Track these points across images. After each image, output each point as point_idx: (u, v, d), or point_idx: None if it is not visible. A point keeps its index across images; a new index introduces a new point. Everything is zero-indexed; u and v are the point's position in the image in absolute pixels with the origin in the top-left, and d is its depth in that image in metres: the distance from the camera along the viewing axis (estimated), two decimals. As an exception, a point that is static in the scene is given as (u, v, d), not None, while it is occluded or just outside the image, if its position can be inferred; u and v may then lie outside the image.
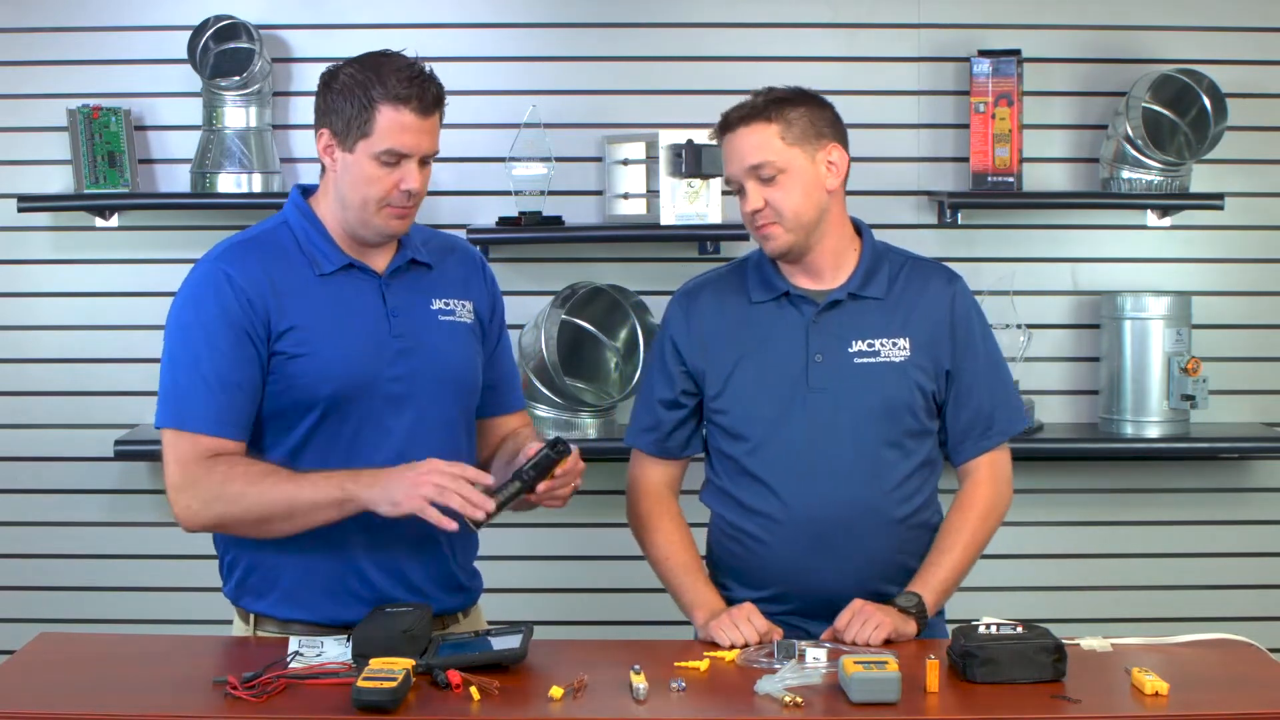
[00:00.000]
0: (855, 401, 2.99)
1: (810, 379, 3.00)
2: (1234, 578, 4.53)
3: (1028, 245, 4.50)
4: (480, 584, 3.06)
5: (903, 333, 3.03)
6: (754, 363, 3.04)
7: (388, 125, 2.78)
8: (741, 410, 3.04)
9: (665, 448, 3.14)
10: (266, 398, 2.83)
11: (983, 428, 3.07)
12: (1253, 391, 4.53)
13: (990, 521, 3.07)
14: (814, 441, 2.99)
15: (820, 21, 4.44)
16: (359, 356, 2.83)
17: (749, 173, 2.97)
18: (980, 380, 3.07)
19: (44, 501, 4.47)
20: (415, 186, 2.81)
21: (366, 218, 2.83)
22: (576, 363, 4.34)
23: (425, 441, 2.85)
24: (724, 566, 3.11)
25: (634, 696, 2.54)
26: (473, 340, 2.98)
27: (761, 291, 3.07)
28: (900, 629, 2.88)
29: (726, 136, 3.01)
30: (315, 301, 2.84)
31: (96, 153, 4.31)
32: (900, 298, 3.05)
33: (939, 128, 4.47)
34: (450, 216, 4.32)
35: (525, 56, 4.44)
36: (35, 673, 2.71)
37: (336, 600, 2.85)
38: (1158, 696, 2.53)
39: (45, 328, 4.45)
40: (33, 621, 4.10)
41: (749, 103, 3.01)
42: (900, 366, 3.01)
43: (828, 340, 3.01)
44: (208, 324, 2.80)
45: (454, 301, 2.96)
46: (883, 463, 3.00)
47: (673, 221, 4.24)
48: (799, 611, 3.00)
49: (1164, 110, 4.33)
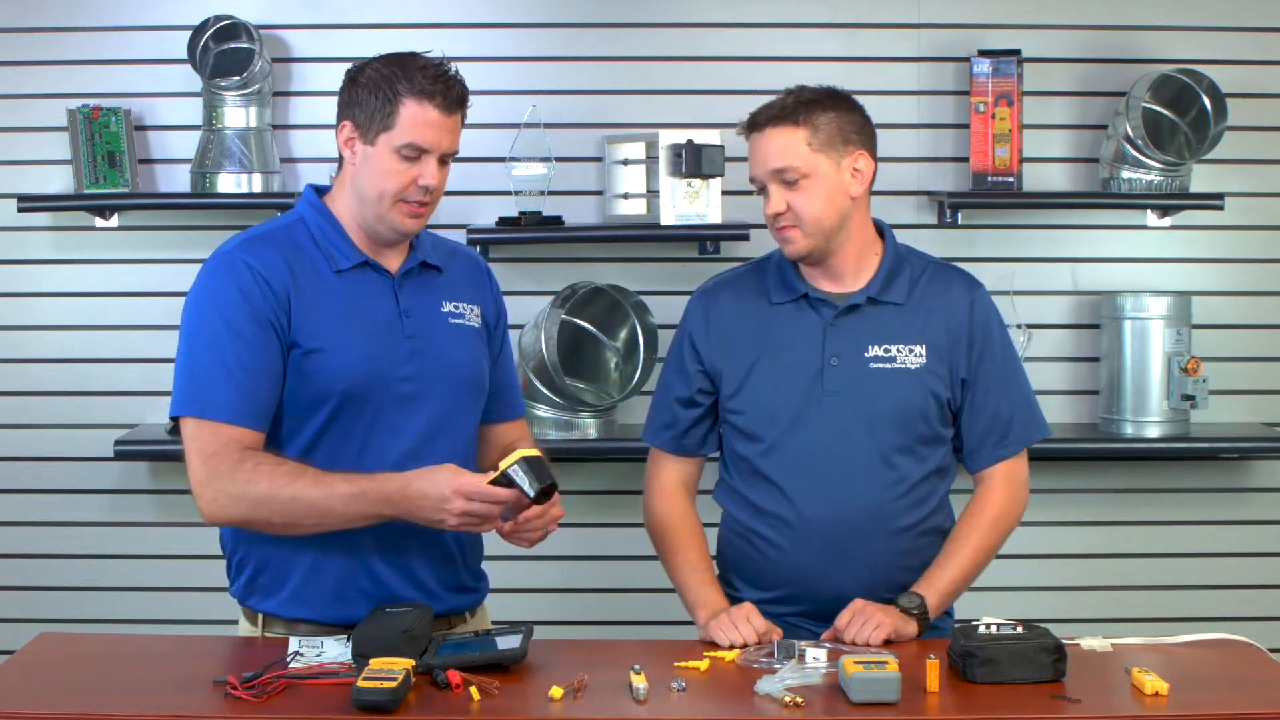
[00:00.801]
0: (869, 406, 2.99)
1: (826, 382, 3.00)
2: (1234, 578, 4.53)
3: (1028, 245, 4.50)
4: (486, 585, 3.06)
5: (920, 339, 3.02)
6: (770, 364, 3.04)
7: (410, 119, 2.79)
8: (756, 411, 3.04)
9: (682, 445, 3.14)
10: (283, 390, 2.82)
11: (999, 436, 3.06)
12: (1253, 391, 4.53)
13: (1001, 528, 3.07)
14: (827, 445, 2.99)
15: (820, 21, 4.44)
16: (373, 354, 2.84)
17: (773, 175, 2.97)
18: (998, 388, 3.06)
19: (44, 501, 4.47)
20: (433, 183, 2.82)
21: (382, 212, 2.83)
22: (576, 363, 4.34)
23: (435, 442, 2.86)
24: (733, 566, 3.12)
25: (634, 696, 2.54)
26: (480, 344, 2.99)
27: (781, 293, 3.07)
28: (901, 630, 2.88)
29: (753, 136, 3.00)
30: (332, 297, 2.84)
31: (96, 153, 4.31)
32: (920, 303, 3.04)
33: (939, 128, 4.47)
34: (450, 216, 4.31)
35: (525, 56, 4.44)
36: (35, 673, 2.70)
37: (345, 599, 2.85)
38: (1158, 696, 2.53)
39: (45, 328, 4.45)
40: (33, 621, 4.10)
41: (779, 102, 2.99)
42: (916, 373, 3.01)
43: (845, 344, 3.01)
44: (228, 311, 2.78)
45: (463, 305, 2.97)
46: (895, 468, 3.00)
47: (673, 221, 4.24)
48: (807, 614, 3.01)
49: (1164, 110, 4.33)
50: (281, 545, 2.85)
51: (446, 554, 2.92)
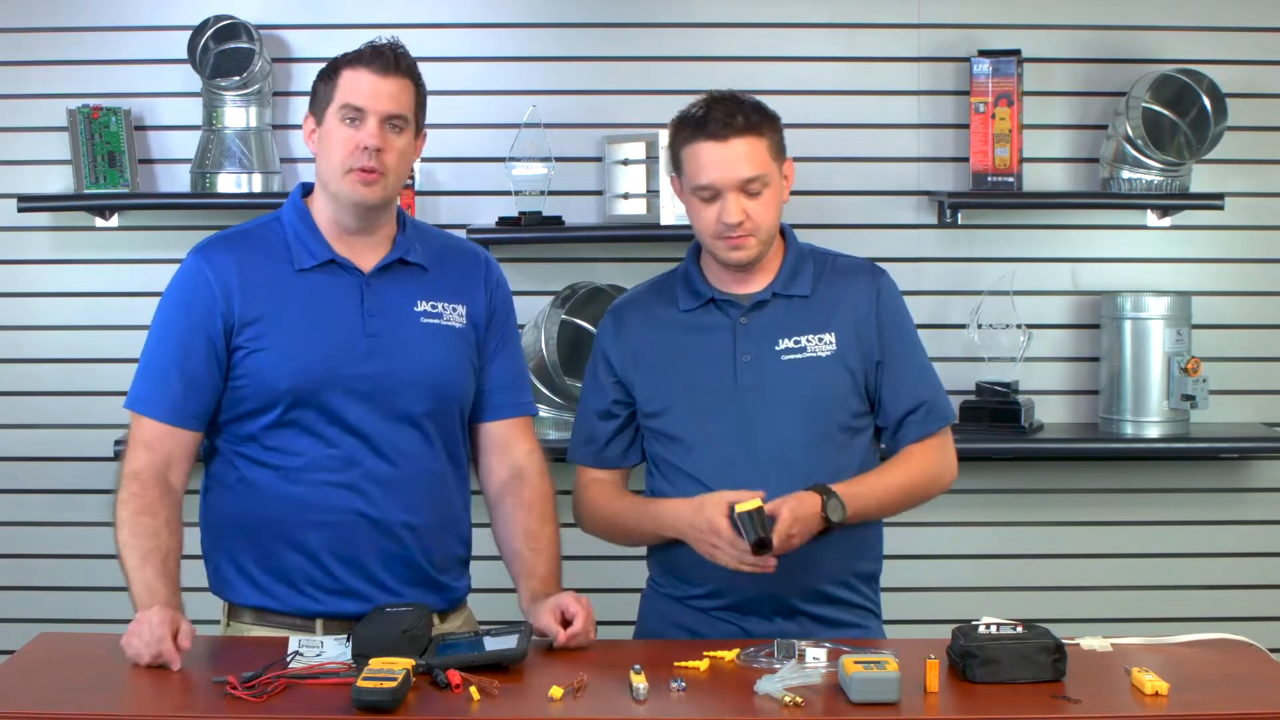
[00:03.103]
0: (785, 398, 3.01)
1: (739, 378, 3.02)
2: (1234, 578, 4.53)
3: (1028, 245, 4.50)
4: (465, 589, 3.06)
5: (827, 328, 3.05)
6: (684, 368, 3.06)
7: (347, 85, 2.89)
8: (674, 414, 3.06)
9: (603, 458, 3.16)
10: (229, 390, 2.89)
11: (924, 413, 3.08)
12: (1253, 391, 4.53)
13: (929, 474, 3.08)
14: (746, 439, 3.01)
15: (820, 21, 4.44)
16: (321, 353, 2.87)
17: (740, 184, 2.97)
18: (914, 368, 3.09)
19: (44, 501, 4.47)
20: (374, 142, 2.85)
21: (338, 185, 2.88)
22: (576, 363, 4.33)
23: (391, 442, 2.89)
24: (662, 565, 3.13)
25: (634, 696, 2.54)
26: (459, 345, 2.98)
27: (689, 299, 3.10)
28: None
29: (707, 144, 2.98)
30: (285, 297, 2.88)
31: (96, 153, 4.31)
32: (825, 294, 3.07)
33: (939, 128, 4.47)
34: (450, 216, 4.32)
35: (525, 56, 4.44)
36: (35, 673, 2.71)
37: (298, 590, 2.90)
38: (1158, 696, 2.53)
39: (45, 328, 4.45)
40: (33, 621, 4.10)
41: (732, 112, 2.98)
42: (827, 361, 3.03)
43: (755, 340, 3.04)
44: (171, 314, 2.92)
45: (443, 305, 2.97)
46: (816, 458, 3.00)
47: (672, 221, 4.24)
48: (734, 608, 3.02)
49: (1164, 110, 4.33)
50: (245, 535, 2.91)
51: (400, 548, 2.92)
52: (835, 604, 3.05)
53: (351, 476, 2.88)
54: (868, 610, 3.11)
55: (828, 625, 3.03)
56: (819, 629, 3.00)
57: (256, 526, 2.90)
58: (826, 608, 3.04)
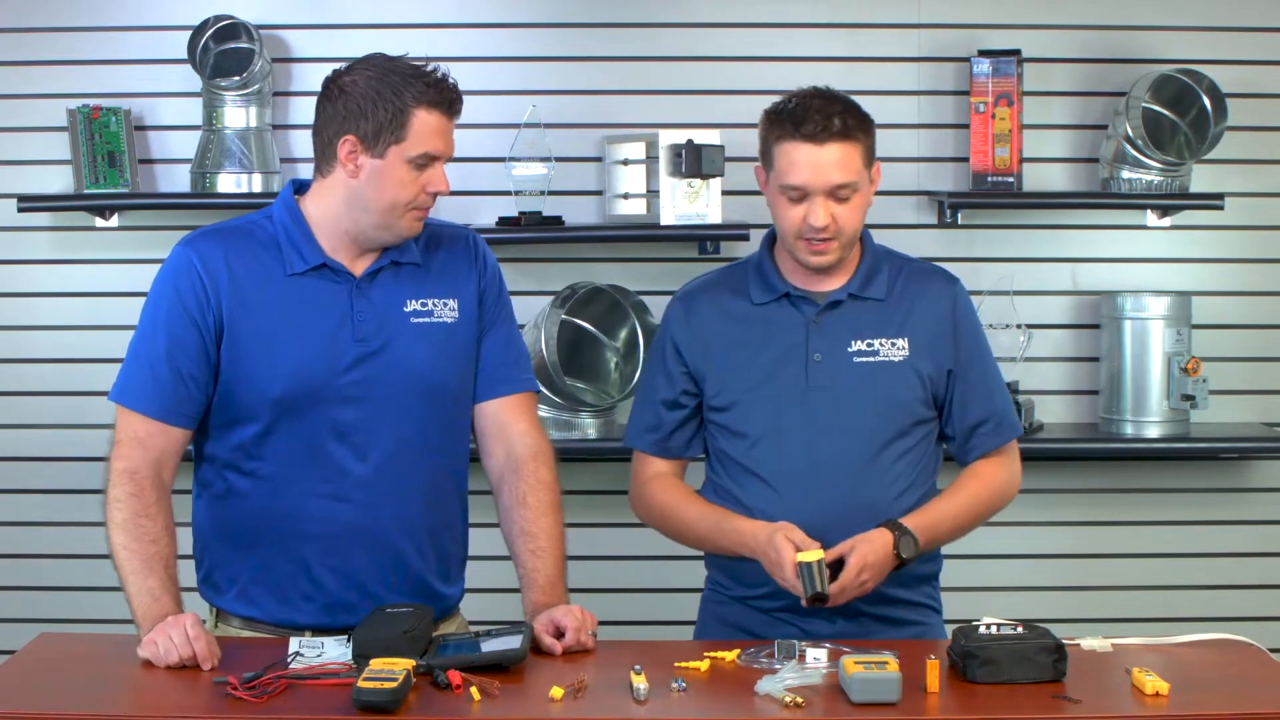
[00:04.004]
0: (854, 400, 3.00)
1: (810, 378, 3.01)
2: (1234, 578, 4.53)
3: (1028, 245, 4.50)
4: (459, 594, 3.05)
5: (901, 333, 3.03)
6: (754, 362, 3.04)
7: (423, 129, 2.80)
8: (742, 409, 3.04)
9: (666, 447, 3.14)
10: (217, 395, 2.86)
11: (995, 424, 3.08)
12: (1253, 391, 4.53)
13: (996, 492, 3.10)
14: (813, 440, 2.99)
15: (820, 21, 4.44)
16: (312, 359, 2.83)
17: (831, 189, 2.95)
18: (986, 379, 3.08)
19: (44, 501, 4.47)
20: (445, 189, 2.85)
21: (392, 221, 2.84)
22: (576, 363, 4.34)
23: (386, 446, 2.86)
24: (720, 564, 3.12)
25: (634, 696, 2.54)
26: (451, 342, 2.94)
27: (763, 293, 3.07)
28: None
29: (804, 145, 2.95)
30: (275, 301, 2.84)
31: (96, 153, 4.31)
32: (901, 298, 3.06)
33: (939, 128, 4.47)
34: (450, 216, 4.22)
35: (525, 56, 4.44)
36: (35, 673, 2.71)
37: (288, 603, 2.88)
38: (1158, 697, 2.53)
39: (45, 328, 4.45)
40: (33, 621, 4.10)
41: (830, 115, 2.94)
42: (899, 366, 3.02)
43: (827, 340, 3.02)
44: (162, 307, 2.86)
45: (434, 301, 2.94)
46: (881, 461, 3.00)
47: (673, 221, 4.24)
48: (795, 609, 3.00)
49: (1164, 110, 4.33)
50: (234, 545, 2.89)
51: (397, 558, 2.90)
52: (897, 604, 3.04)
53: (342, 486, 2.86)
54: (929, 608, 3.10)
55: (890, 624, 3.02)
56: (882, 629, 3.00)
57: (248, 538, 2.87)
58: (888, 608, 3.03)
